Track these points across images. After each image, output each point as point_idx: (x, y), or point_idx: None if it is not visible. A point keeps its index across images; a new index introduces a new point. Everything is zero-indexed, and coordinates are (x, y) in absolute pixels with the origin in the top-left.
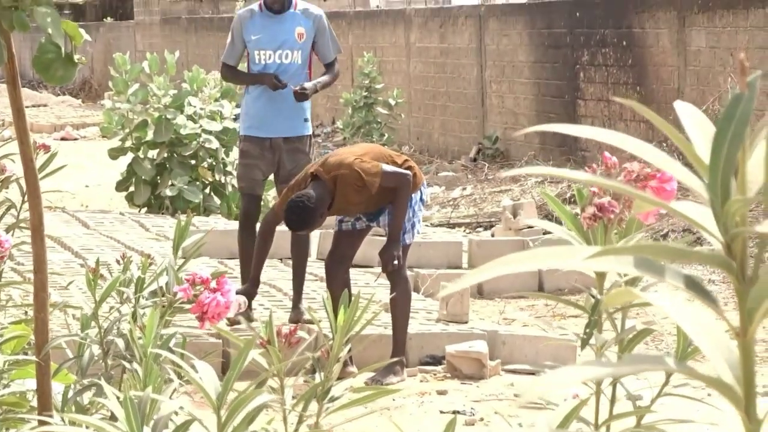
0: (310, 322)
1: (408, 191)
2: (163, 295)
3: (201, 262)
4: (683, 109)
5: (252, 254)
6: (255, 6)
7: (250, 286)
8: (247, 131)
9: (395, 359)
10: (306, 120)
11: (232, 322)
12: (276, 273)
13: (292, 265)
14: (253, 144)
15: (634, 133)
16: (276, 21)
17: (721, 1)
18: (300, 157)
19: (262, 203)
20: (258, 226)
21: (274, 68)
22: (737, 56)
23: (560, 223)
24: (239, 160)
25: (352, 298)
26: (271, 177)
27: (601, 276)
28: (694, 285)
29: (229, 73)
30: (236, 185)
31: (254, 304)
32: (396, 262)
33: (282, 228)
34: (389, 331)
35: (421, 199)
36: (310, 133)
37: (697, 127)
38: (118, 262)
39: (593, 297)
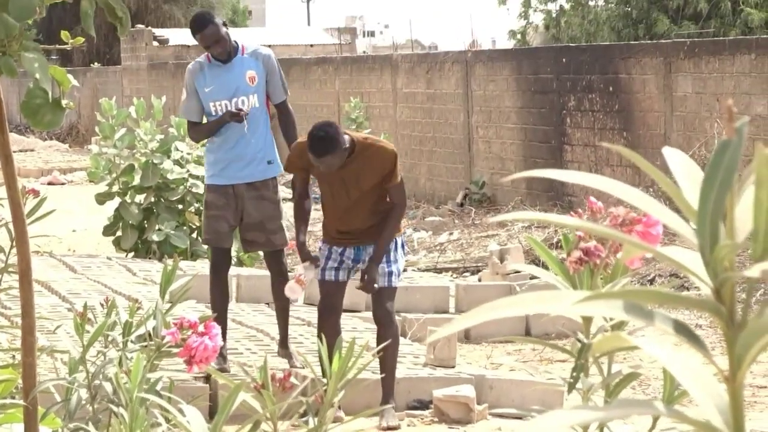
0: (297, 366)
1: (401, 215)
2: (150, 339)
3: (188, 307)
4: (671, 154)
5: (225, 308)
6: (203, 58)
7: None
8: (210, 180)
9: (387, 405)
10: (270, 162)
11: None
12: (263, 317)
13: (275, 308)
14: (217, 194)
15: (621, 179)
16: (225, 70)
17: (707, 48)
18: (265, 204)
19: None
20: (227, 278)
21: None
22: (724, 102)
23: (547, 268)
24: (204, 211)
25: (347, 345)
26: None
27: (587, 320)
28: (682, 329)
29: (194, 130)
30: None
31: (241, 347)
32: (376, 285)
33: (264, 272)
34: (377, 376)
35: (402, 245)
36: (276, 174)
37: (686, 172)
38: (102, 305)
39: (580, 341)
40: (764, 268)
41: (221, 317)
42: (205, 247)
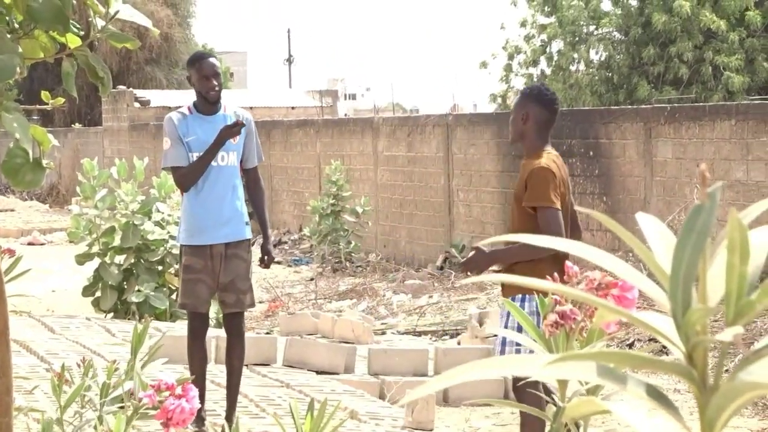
0: None
1: (537, 249)
2: (127, 401)
3: (166, 368)
4: (645, 220)
5: (204, 371)
6: (184, 109)
7: None
8: (187, 240)
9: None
10: (247, 223)
11: None
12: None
13: (227, 371)
14: (196, 256)
15: (601, 243)
16: (208, 122)
17: (687, 113)
18: (238, 263)
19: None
20: (205, 342)
21: (209, 172)
22: (700, 168)
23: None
24: (182, 275)
25: (319, 405)
26: None
27: (563, 384)
28: (655, 394)
29: (184, 173)
30: (178, 300)
31: (219, 409)
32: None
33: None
34: None
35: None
36: (251, 237)
37: (659, 237)
38: (78, 365)
39: (555, 405)
40: (736, 332)
41: (200, 380)
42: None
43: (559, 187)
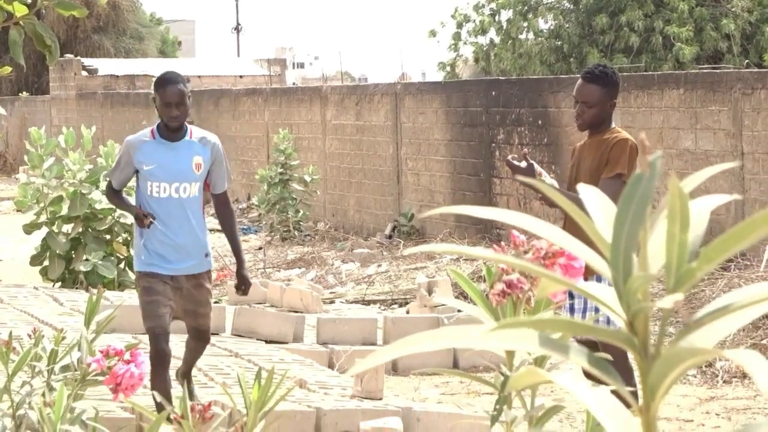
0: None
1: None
2: (75, 369)
3: (115, 337)
4: (586, 190)
5: (170, 397)
6: (146, 133)
7: None
8: (147, 267)
9: None
10: (207, 255)
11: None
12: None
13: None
14: (156, 279)
15: (550, 212)
16: (170, 149)
17: (635, 82)
18: (202, 292)
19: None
20: (168, 371)
21: (170, 204)
22: (639, 137)
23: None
24: (142, 297)
25: (266, 374)
26: None
27: (510, 354)
28: (597, 363)
29: (110, 195)
30: (141, 311)
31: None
32: None
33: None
34: (303, 408)
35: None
36: (212, 267)
37: (600, 207)
38: (29, 336)
39: (502, 374)
40: (676, 299)
41: (168, 401)
42: (133, 277)
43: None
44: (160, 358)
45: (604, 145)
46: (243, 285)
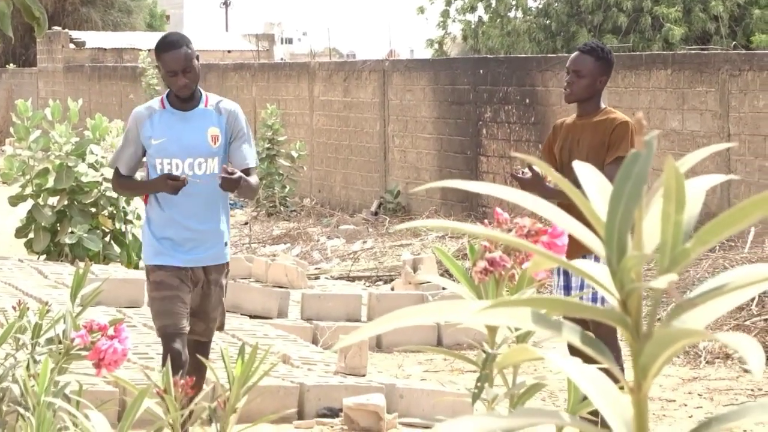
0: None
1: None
2: (60, 343)
3: (99, 311)
4: (582, 168)
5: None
6: (155, 102)
7: None
8: (159, 260)
9: None
10: (226, 244)
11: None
12: None
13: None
14: (169, 273)
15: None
16: (182, 120)
17: (623, 62)
18: (216, 291)
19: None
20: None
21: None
22: (636, 116)
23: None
24: (153, 293)
25: (250, 349)
26: None
27: (492, 330)
28: (589, 341)
29: (119, 184)
30: (151, 309)
31: (152, 352)
32: None
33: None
34: (287, 383)
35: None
36: (229, 260)
37: (595, 185)
38: (14, 308)
39: (484, 352)
40: (670, 279)
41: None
42: (119, 250)
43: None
44: (174, 362)
45: (604, 128)
46: (230, 174)
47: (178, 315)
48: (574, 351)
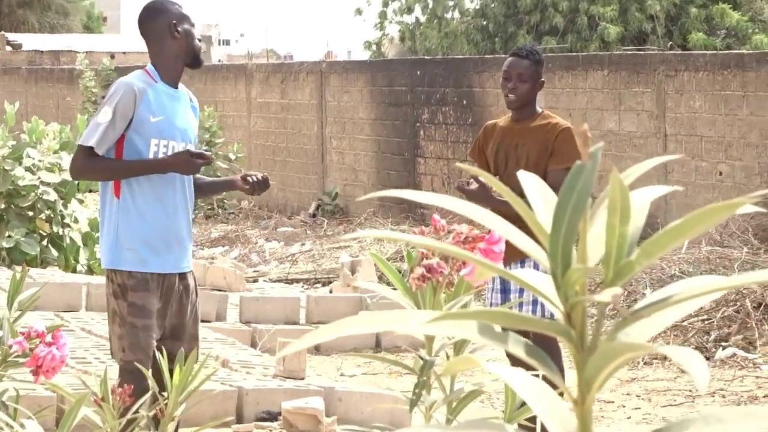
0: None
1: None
2: None
3: (37, 315)
4: (526, 178)
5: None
6: (143, 76)
7: None
8: (136, 265)
9: None
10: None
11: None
12: None
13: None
14: (149, 291)
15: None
16: (175, 99)
17: (560, 63)
18: (192, 299)
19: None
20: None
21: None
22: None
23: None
24: (133, 318)
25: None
26: None
27: (430, 338)
28: (534, 353)
29: (93, 163)
30: (118, 351)
31: (90, 357)
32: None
33: None
34: (225, 387)
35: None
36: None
37: (540, 196)
38: None
39: (422, 358)
40: (614, 292)
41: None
42: (56, 254)
43: None
44: (143, 396)
45: (545, 133)
46: (256, 177)
47: (152, 349)
48: (514, 358)
